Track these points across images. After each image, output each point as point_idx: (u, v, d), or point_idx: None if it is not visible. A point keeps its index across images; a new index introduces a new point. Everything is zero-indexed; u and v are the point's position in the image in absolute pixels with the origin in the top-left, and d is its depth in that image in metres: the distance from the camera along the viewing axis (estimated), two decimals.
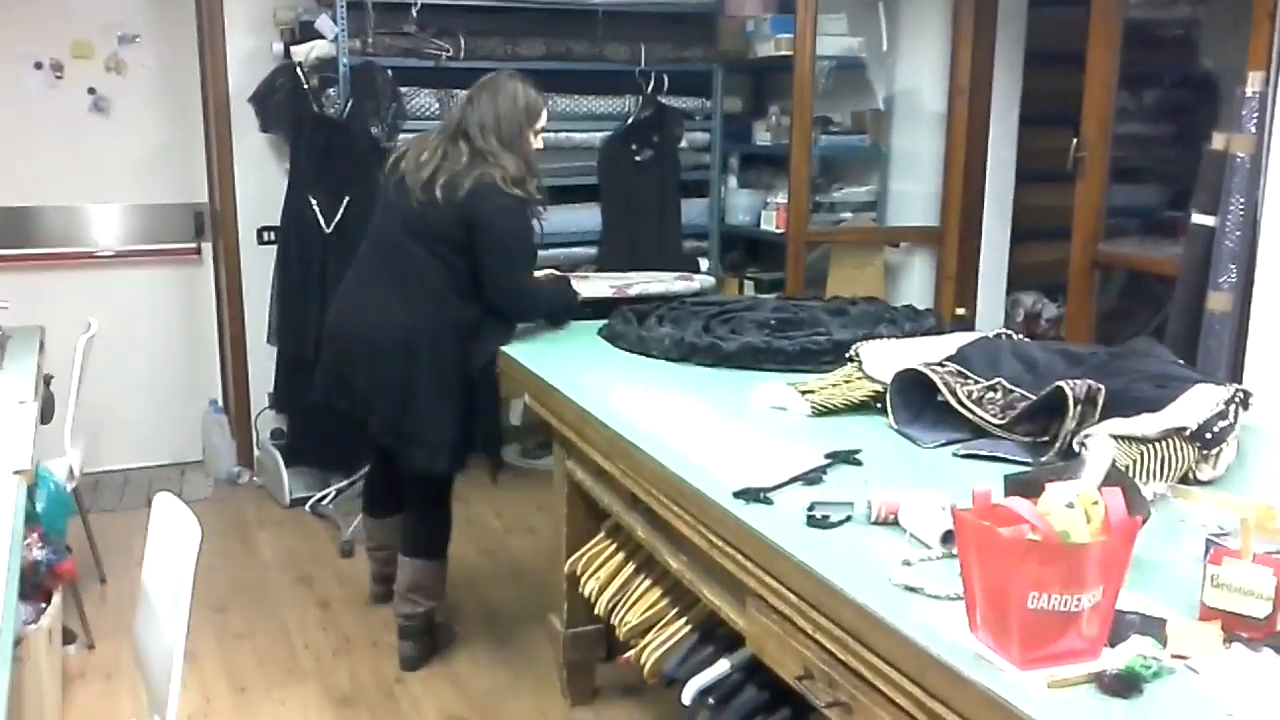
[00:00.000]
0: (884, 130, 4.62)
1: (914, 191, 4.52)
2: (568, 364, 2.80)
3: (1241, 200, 3.01)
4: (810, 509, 1.75)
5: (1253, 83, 3.01)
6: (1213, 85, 5.42)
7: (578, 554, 2.80)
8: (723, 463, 2.00)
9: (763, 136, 4.87)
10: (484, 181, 2.96)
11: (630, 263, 4.72)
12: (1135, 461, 1.86)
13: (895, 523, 1.72)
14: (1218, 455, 1.91)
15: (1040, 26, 4.39)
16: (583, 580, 2.73)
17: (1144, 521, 1.27)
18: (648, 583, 2.56)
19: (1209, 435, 1.90)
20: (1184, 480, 1.88)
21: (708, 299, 3.67)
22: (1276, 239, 2.95)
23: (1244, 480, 1.93)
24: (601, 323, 3.18)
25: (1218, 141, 3.12)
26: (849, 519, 1.74)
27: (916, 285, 4.46)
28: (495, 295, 3.06)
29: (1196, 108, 5.36)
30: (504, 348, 3.00)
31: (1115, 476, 1.50)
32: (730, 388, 2.55)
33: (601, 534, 2.77)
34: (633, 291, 4.31)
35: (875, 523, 1.73)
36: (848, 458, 2.02)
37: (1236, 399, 2.03)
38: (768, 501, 1.81)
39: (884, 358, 2.37)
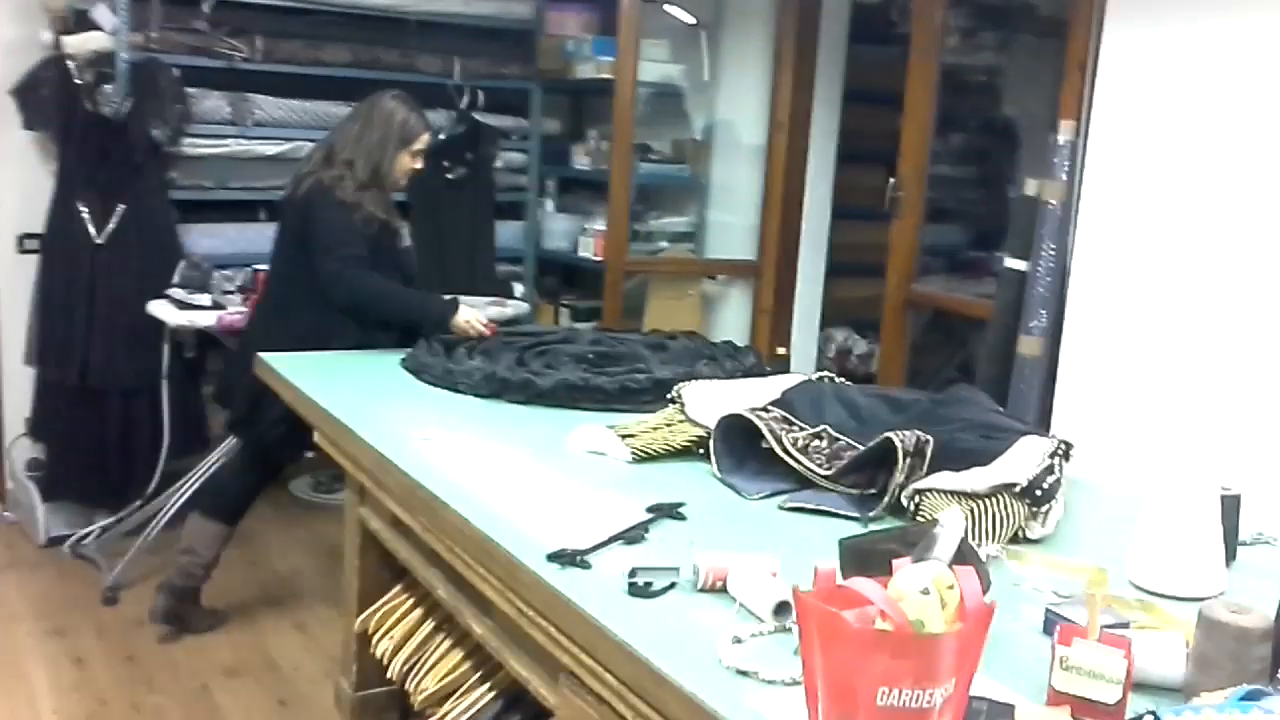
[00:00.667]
0: (703, 160, 4.56)
1: (732, 223, 4.47)
2: (364, 399, 2.55)
3: (1053, 246, 3.05)
4: (631, 575, 1.58)
5: (1064, 131, 3.06)
6: (1013, 131, 5.64)
7: (370, 610, 2.54)
8: (536, 518, 1.81)
9: (581, 160, 4.72)
10: (321, 181, 3.13)
11: (441, 286, 4.46)
12: (967, 519, 1.78)
13: (723, 589, 1.57)
14: (1047, 512, 1.85)
15: (857, 65, 4.43)
16: (375, 639, 2.48)
17: (991, 602, 1.16)
18: (448, 643, 2.33)
19: (1039, 491, 1.84)
20: (1013, 539, 1.81)
21: (522, 329, 3.48)
22: (1085, 285, 3.00)
23: (1071, 538, 1.88)
24: (404, 353, 2.94)
25: (1029, 187, 3.16)
26: (673, 585, 1.58)
27: (733, 317, 4.40)
28: (323, 283, 3.09)
29: (999, 152, 5.57)
30: (287, 374, 2.71)
31: (963, 551, 1.39)
32: (545, 428, 2.36)
33: (398, 587, 2.53)
34: None
35: (702, 589, 1.57)
36: (671, 511, 1.87)
37: (1059, 451, 1.98)
38: (585, 565, 1.63)
39: (707, 401, 2.24)
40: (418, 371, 2.78)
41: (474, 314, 3.08)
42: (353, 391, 2.61)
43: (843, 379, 2.49)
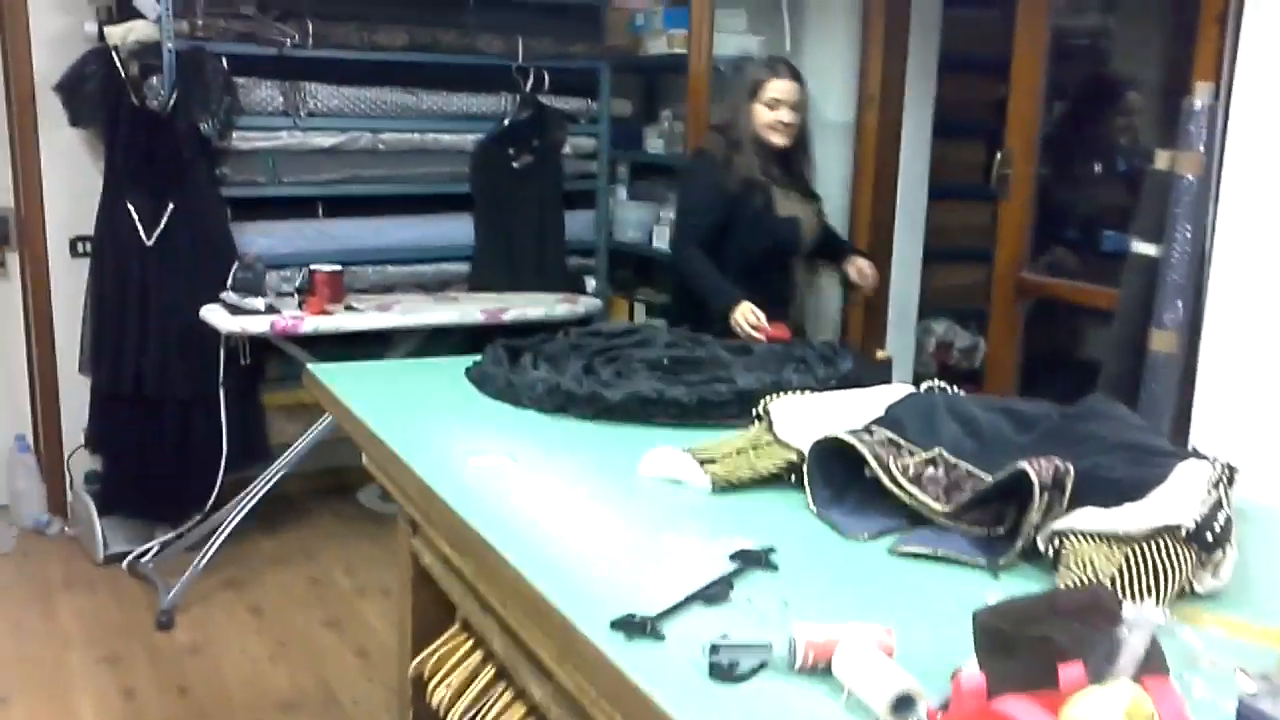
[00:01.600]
0: None
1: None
2: (416, 418, 2.29)
3: (1189, 227, 2.67)
4: (714, 652, 1.28)
5: (1200, 94, 2.67)
6: (1122, 97, 5.20)
7: (427, 651, 2.29)
8: (599, 566, 1.54)
9: (655, 143, 4.43)
10: (693, 152, 3.73)
11: (507, 282, 4.24)
12: (1120, 572, 1.45)
13: (827, 670, 1.27)
14: (1220, 560, 1.51)
15: (952, 29, 4.06)
16: (431, 685, 2.23)
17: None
18: (510, 694, 2.07)
19: (1210, 535, 1.49)
20: (1179, 595, 1.48)
21: (594, 329, 3.19)
22: (1229, 270, 2.62)
23: (1244, 588, 1.54)
24: (470, 359, 2.69)
25: (1161, 160, 2.78)
26: (764, 665, 1.29)
27: (823, 310, 4.06)
28: None
29: (1107, 122, 5.13)
30: (335, 389, 2.47)
31: (1152, 655, 1.06)
32: (613, 450, 2.08)
33: (455, 627, 2.27)
34: (508, 316, 3.84)
35: (799, 670, 1.28)
36: (760, 560, 1.57)
37: (1224, 478, 1.64)
38: (657, 636, 1.35)
39: (799, 419, 1.94)
40: (480, 383, 2.52)
41: (749, 311, 3.01)
42: (406, 408, 2.36)
43: (944, 383, 2.17)
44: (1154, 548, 1.49)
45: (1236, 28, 2.65)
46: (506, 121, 4.29)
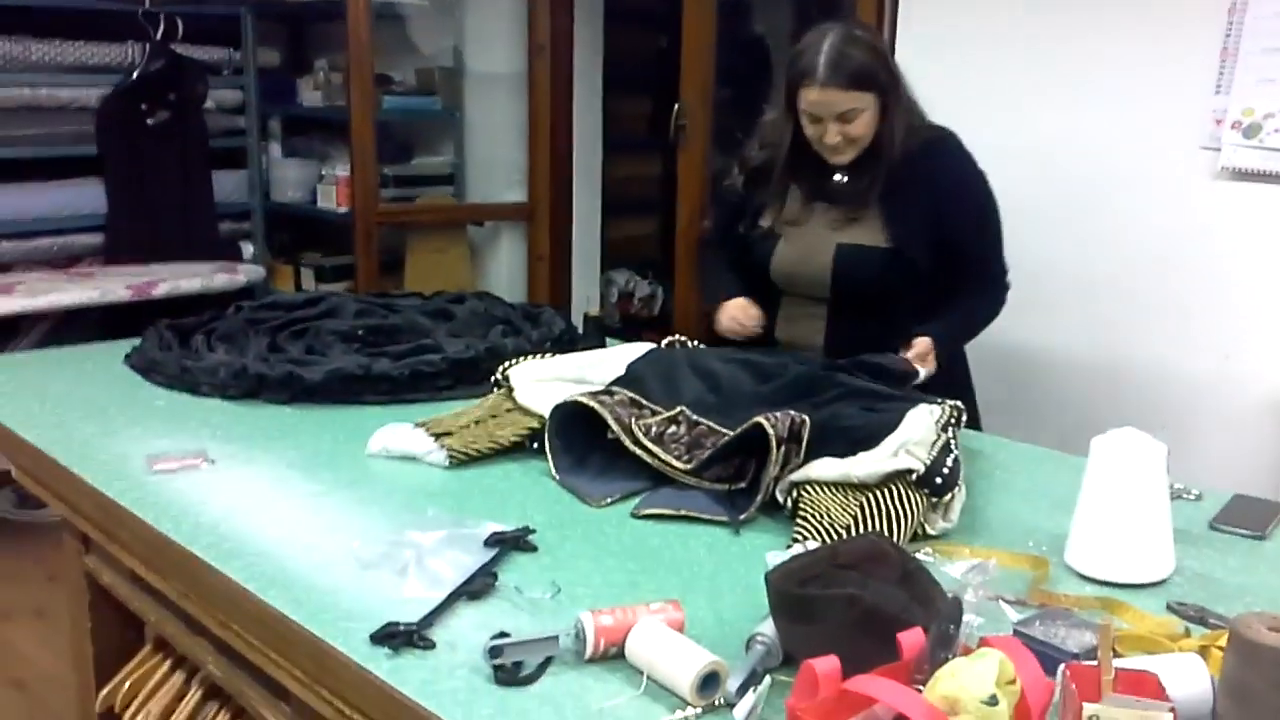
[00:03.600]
0: (455, 92, 4.05)
1: (494, 162, 4.01)
2: (75, 418, 1.96)
3: None
4: (495, 654, 1.17)
5: None
6: (765, 51, 5.45)
7: (117, 679, 1.99)
8: (339, 571, 1.37)
9: (310, 96, 4.12)
10: None
11: (150, 252, 3.79)
12: (855, 519, 1.48)
13: (619, 655, 1.19)
14: (949, 502, 1.57)
15: None
16: (127, 715, 1.95)
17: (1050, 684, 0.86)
18: (227, 714, 1.84)
19: (939, 479, 1.54)
20: (913, 538, 1.52)
21: (270, 300, 2.90)
22: None
23: (981, 519, 1.62)
24: (127, 344, 2.35)
25: None
26: (551, 660, 1.19)
27: (506, 267, 3.96)
28: None
29: (753, 74, 5.36)
30: None
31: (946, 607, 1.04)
32: (321, 435, 1.89)
33: (147, 649, 1.99)
34: (159, 291, 3.44)
35: (591, 660, 1.19)
36: (518, 542, 1.47)
37: (953, 419, 1.71)
38: (427, 644, 1.21)
39: (540, 384, 1.84)
40: (146, 371, 2.20)
41: (738, 311, 2.19)
42: (60, 407, 2.01)
43: (684, 337, 2.14)
44: (887, 494, 1.52)
45: None
46: (136, 74, 3.81)
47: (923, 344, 2.04)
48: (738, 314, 2.19)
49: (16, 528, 3.60)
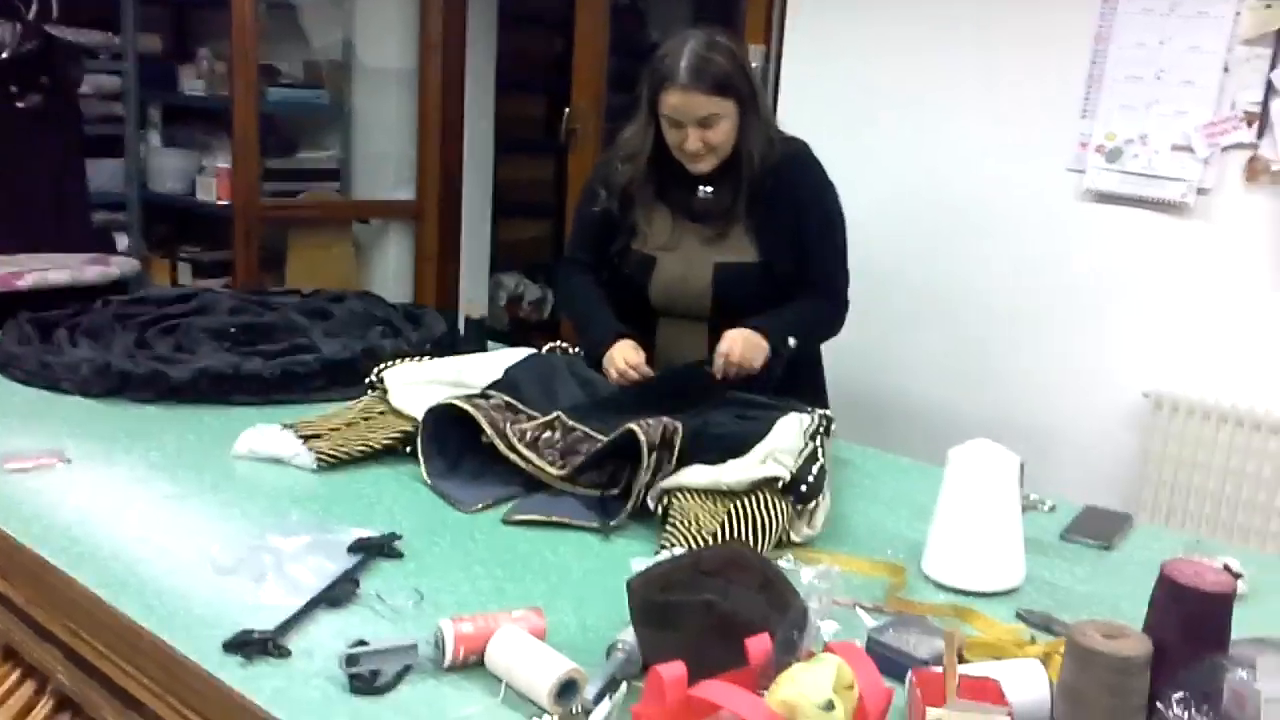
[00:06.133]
0: (344, 85, 3.97)
1: (384, 158, 3.94)
2: None
3: None
4: (351, 663, 1.15)
5: (753, 57, 2.85)
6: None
7: None
8: (195, 577, 1.34)
9: (193, 84, 3.99)
10: None
11: (17, 242, 3.63)
12: (722, 526, 1.50)
13: (479, 664, 1.19)
14: (814, 510, 1.60)
15: None
16: None
17: (889, 691, 0.88)
18: None
19: (804, 487, 1.57)
20: (778, 544, 1.55)
21: (140, 295, 2.82)
22: None
23: (845, 526, 1.66)
24: None
25: None
26: (409, 669, 1.18)
27: (392, 267, 3.91)
28: None
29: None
30: None
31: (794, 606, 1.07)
32: (187, 436, 1.84)
33: None
34: (25, 283, 3.31)
35: (450, 668, 1.18)
36: (382, 548, 1.45)
37: (821, 429, 1.75)
38: (282, 653, 1.19)
39: (415, 386, 1.82)
40: (4, 365, 2.11)
41: (627, 354, 2.01)
42: None
43: (564, 344, 2.14)
44: (754, 501, 1.55)
45: None
46: (5, 54, 3.65)
47: (730, 336, 1.99)
48: (628, 360, 2.00)
49: None
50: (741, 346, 1.96)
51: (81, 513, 1.51)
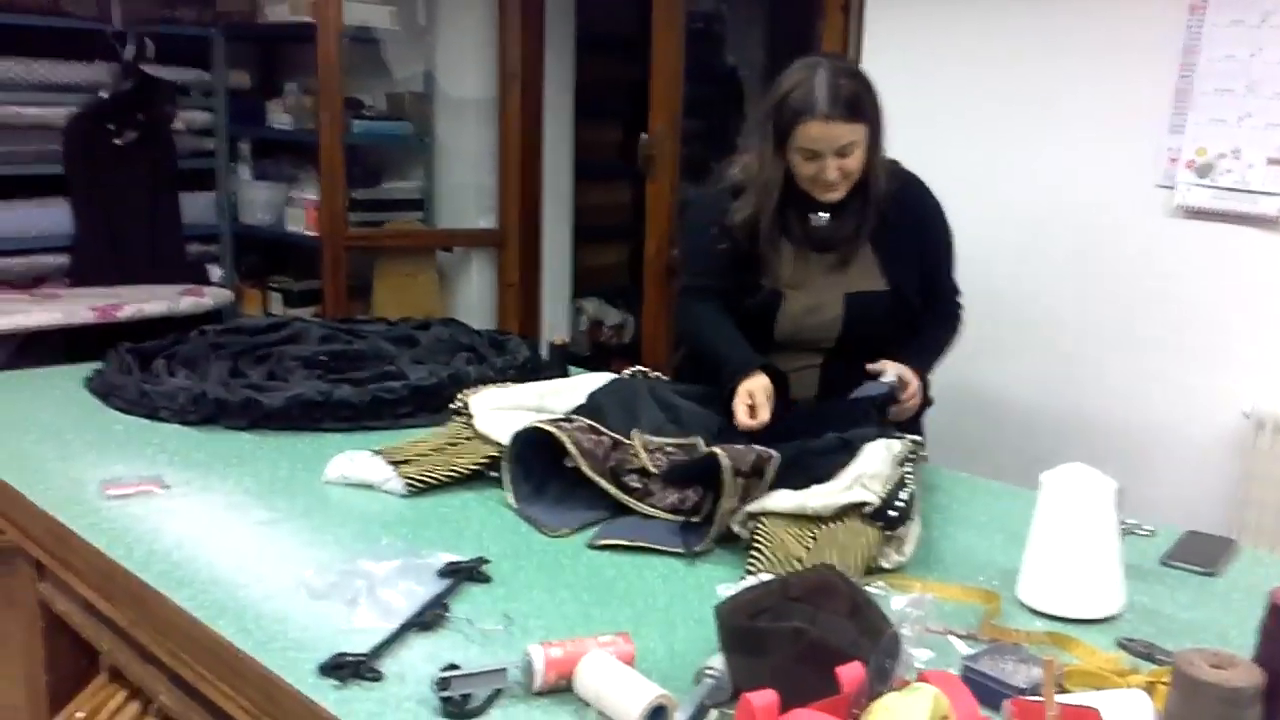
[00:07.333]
0: (426, 117, 4.05)
1: (465, 188, 4.01)
2: (32, 441, 1.94)
3: None
4: (443, 686, 1.16)
5: None
6: (736, 82, 5.49)
7: (71, 706, 1.96)
8: (290, 600, 1.36)
9: (280, 119, 4.11)
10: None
11: (116, 274, 3.77)
12: (810, 550, 1.49)
13: (568, 689, 1.19)
14: (903, 536, 1.57)
15: (584, 9, 4.07)
16: None
17: None
18: None
19: (893, 512, 1.55)
20: (867, 571, 1.53)
21: (235, 325, 2.89)
22: None
23: (936, 552, 1.63)
24: (88, 368, 2.33)
25: None
26: (499, 693, 1.18)
27: (475, 294, 3.96)
28: None
29: (723, 105, 5.39)
30: None
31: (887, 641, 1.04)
32: (280, 462, 1.88)
33: (102, 677, 1.96)
34: (124, 314, 3.42)
35: (539, 693, 1.19)
36: (471, 573, 1.46)
37: (912, 455, 1.72)
38: (374, 676, 1.21)
39: (500, 412, 1.84)
40: (107, 395, 2.19)
41: (755, 392, 1.92)
42: (17, 430, 1.99)
43: (644, 369, 2.14)
44: (841, 527, 1.53)
45: (859, 15, 2.85)
46: (105, 94, 3.80)
47: (910, 378, 1.99)
48: (757, 399, 1.91)
49: None
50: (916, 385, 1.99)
51: (180, 538, 1.55)
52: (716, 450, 1.60)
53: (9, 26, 3.60)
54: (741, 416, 1.88)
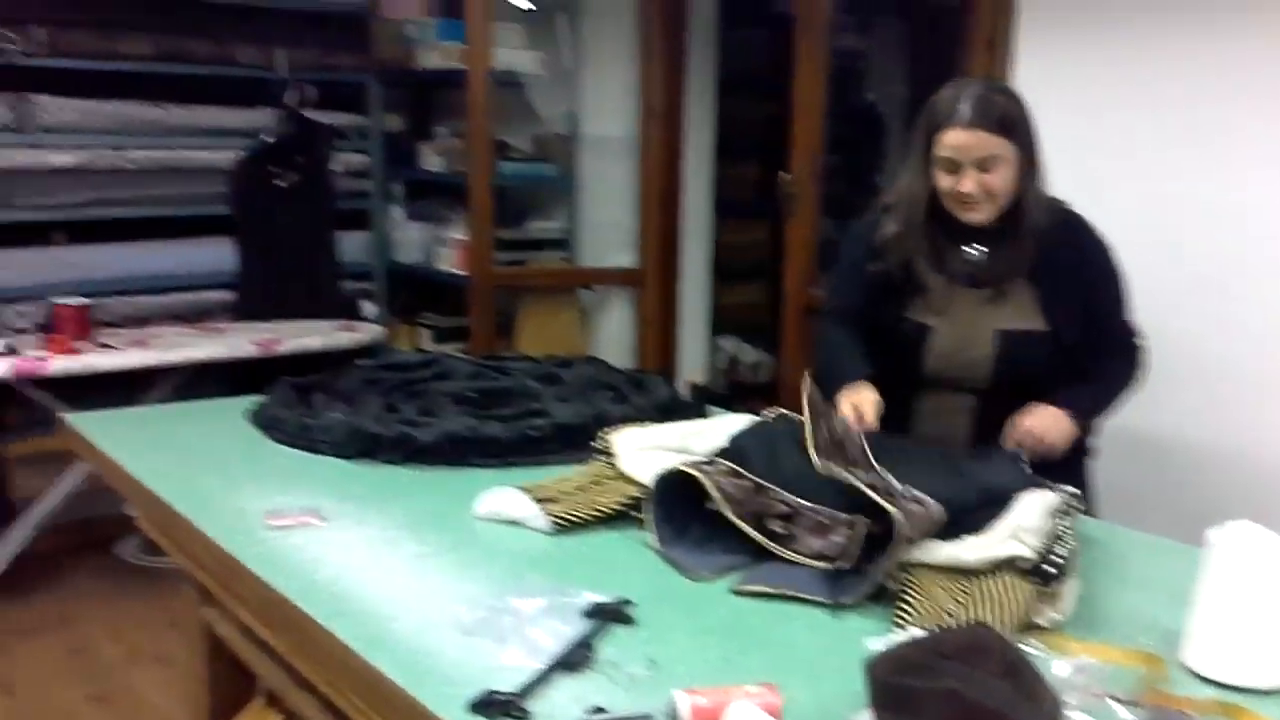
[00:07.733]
0: (570, 158, 4.14)
1: (605, 226, 4.08)
2: (199, 472, 2.04)
3: None
4: None
5: None
6: (877, 119, 5.44)
7: None
8: (441, 634, 1.40)
9: (432, 161, 4.25)
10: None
11: (276, 309, 3.95)
12: (959, 604, 1.44)
13: None
14: (1060, 592, 1.52)
15: (726, 49, 4.11)
16: None
17: None
18: None
19: (1051, 568, 1.50)
20: (1020, 628, 1.47)
21: (388, 360, 3.00)
22: None
23: (1095, 611, 1.56)
24: (249, 400, 2.45)
25: None
26: None
27: (615, 332, 4.01)
28: None
29: (864, 142, 5.35)
30: (102, 444, 2.19)
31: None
32: (431, 496, 1.93)
33: (260, 701, 2.05)
34: (283, 348, 3.58)
35: None
36: (617, 614, 1.47)
37: (1068, 508, 1.66)
38: (522, 715, 1.22)
39: (643, 452, 1.86)
40: (268, 428, 2.29)
41: (861, 404, 1.97)
42: (186, 461, 2.10)
43: (784, 410, 2.12)
44: (995, 581, 1.49)
45: (1005, 50, 2.79)
46: (267, 138, 4.00)
47: (1038, 413, 1.91)
48: (862, 409, 1.95)
49: (143, 573, 3.75)
50: (1048, 424, 1.89)
51: (338, 569, 1.61)
52: (894, 511, 1.54)
53: (182, 76, 3.83)
54: (851, 413, 1.89)
